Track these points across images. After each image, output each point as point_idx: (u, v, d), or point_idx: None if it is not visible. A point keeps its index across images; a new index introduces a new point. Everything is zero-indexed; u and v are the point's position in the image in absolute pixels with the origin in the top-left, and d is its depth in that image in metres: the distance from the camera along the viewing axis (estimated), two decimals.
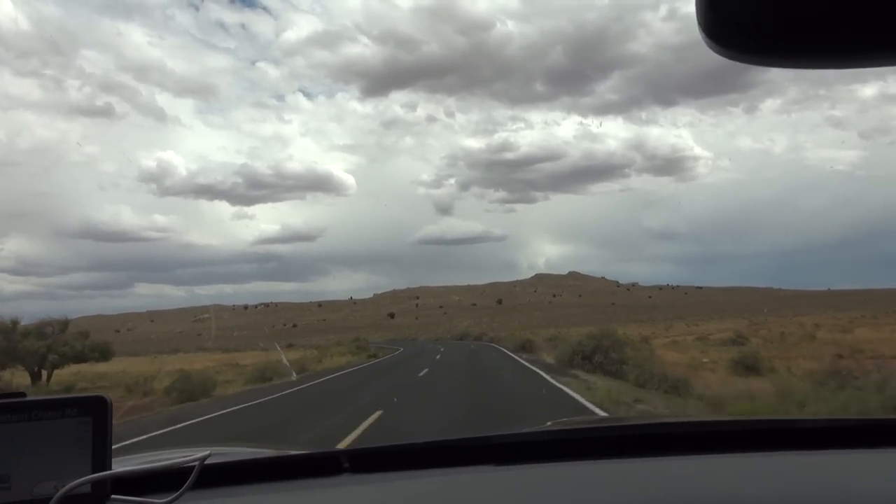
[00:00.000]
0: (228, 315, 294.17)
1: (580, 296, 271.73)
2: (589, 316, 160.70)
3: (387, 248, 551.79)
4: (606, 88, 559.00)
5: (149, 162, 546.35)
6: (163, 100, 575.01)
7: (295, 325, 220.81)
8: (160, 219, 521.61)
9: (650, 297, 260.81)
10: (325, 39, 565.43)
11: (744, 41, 0.55)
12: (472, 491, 1.08)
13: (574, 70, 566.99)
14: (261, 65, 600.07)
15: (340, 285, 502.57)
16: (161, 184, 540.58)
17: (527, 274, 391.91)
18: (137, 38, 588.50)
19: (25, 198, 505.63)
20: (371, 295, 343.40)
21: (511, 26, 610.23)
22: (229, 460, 1.40)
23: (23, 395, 0.99)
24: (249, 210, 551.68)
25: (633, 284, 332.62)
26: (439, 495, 1.05)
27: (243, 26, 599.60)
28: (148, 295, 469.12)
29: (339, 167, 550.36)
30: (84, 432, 0.98)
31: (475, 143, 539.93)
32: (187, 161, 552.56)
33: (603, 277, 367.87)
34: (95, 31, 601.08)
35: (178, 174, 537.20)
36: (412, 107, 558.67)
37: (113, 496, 0.99)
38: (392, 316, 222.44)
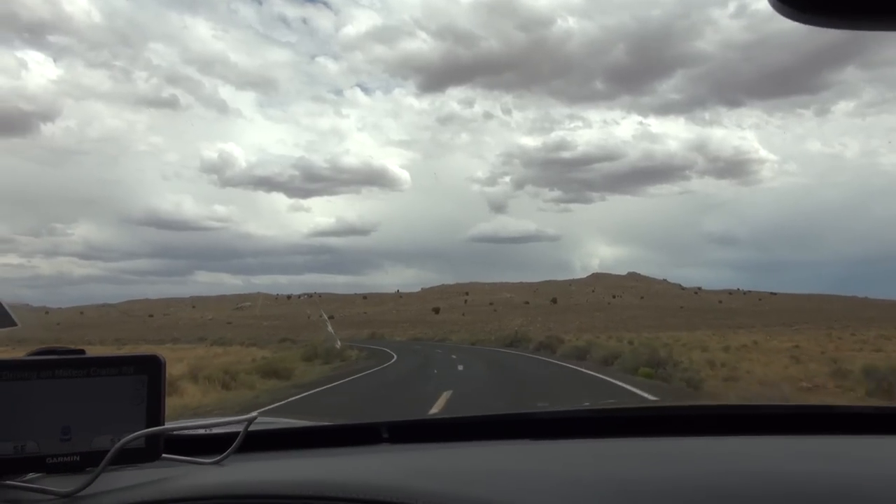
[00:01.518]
0: (272, 303, 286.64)
1: (642, 297, 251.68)
2: (657, 319, 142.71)
3: (439, 245, 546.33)
4: (669, 87, 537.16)
5: (210, 153, 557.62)
6: (225, 92, 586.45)
7: (332, 317, 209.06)
8: (220, 209, 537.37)
9: (720, 301, 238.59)
10: (384, 35, 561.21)
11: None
12: (507, 462, 1.09)
13: (635, 68, 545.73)
14: (320, 59, 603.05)
15: (392, 280, 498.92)
16: (221, 175, 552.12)
17: (580, 275, 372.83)
18: (202, 32, 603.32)
19: (94, 185, 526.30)
20: (419, 289, 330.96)
21: (572, 23, 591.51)
22: (273, 427, 1.45)
23: (82, 351, 1.02)
24: (305, 203, 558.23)
25: (699, 289, 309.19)
26: (476, 465, 1.06)
27: (304, 21, 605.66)
28: (207, 283, 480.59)
29: (394, 162, 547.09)
30: (139, 390, 1.01)
31: (531, 141, 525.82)
32: (247, 153, 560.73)
33: (665, 280, 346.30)
34: (163, 24, 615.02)
35: (237, 166, 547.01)
36: (469, 103, 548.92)
37: (164, 455, 1.03)
38: (437, 311, 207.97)
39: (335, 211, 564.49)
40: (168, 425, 1.03)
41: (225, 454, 1.09)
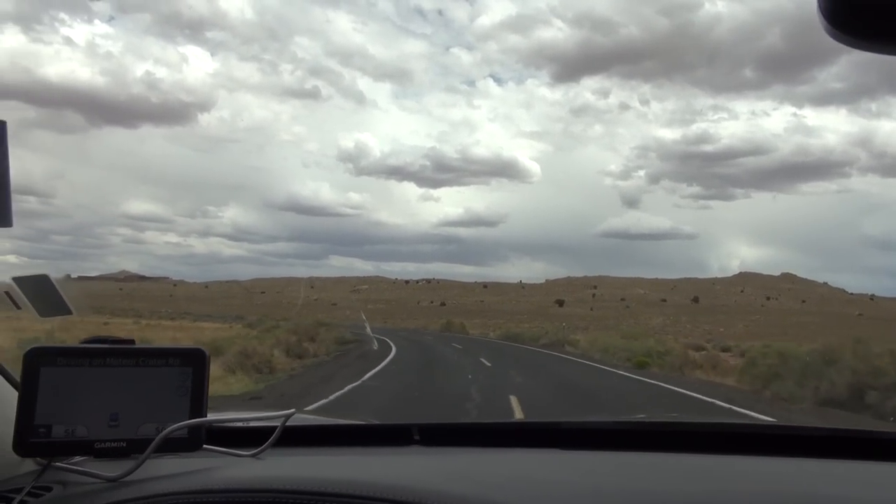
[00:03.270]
0: (388, 287, 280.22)
1: (803, 301, 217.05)
2: (835, 327, 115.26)
3: (568, 238, 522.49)
4: (830, 76, 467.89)
5: (347, 143, 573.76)
6: (363, 84, 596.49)
7: (443, 304, 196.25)
8: (354, 196, 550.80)
9: None
10: (519, 23, 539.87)
11: (865, 25, 0.51)
12: (538, 470, 1.10)
13: (792, 54, 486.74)
14: (454, 50, 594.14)
15: (518, 272, 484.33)
16: (357, 163, 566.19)
17: (718, 275, 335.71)
18: (343, 25, 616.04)
19: (242, 171, 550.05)
20: (543, 280, 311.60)
21: (721, 6, 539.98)
22: (309, 424, 1.51)
23: (132, 341, 1.06)
24: (435, 192, 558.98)
25: (873, 295, 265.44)
26: (505, 471, 1.07)
27: (440, 12, 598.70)
28: (340, 267, 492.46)
29: (524, 154, 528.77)
30: (184, 381, 1.05)
31: (670, 134, 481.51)
32: (381, 143, 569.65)
33: (826, 283, 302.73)
34: (307, 18, 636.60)
35: (372, 155, 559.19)
36: (604, 94, 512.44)
37: (204, 445, 1.07)
38: (560, 304, 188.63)
39: (464, 201, 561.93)
40: (210, 417, 1.06)
41: (262, 448, 1.13)
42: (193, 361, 1.06)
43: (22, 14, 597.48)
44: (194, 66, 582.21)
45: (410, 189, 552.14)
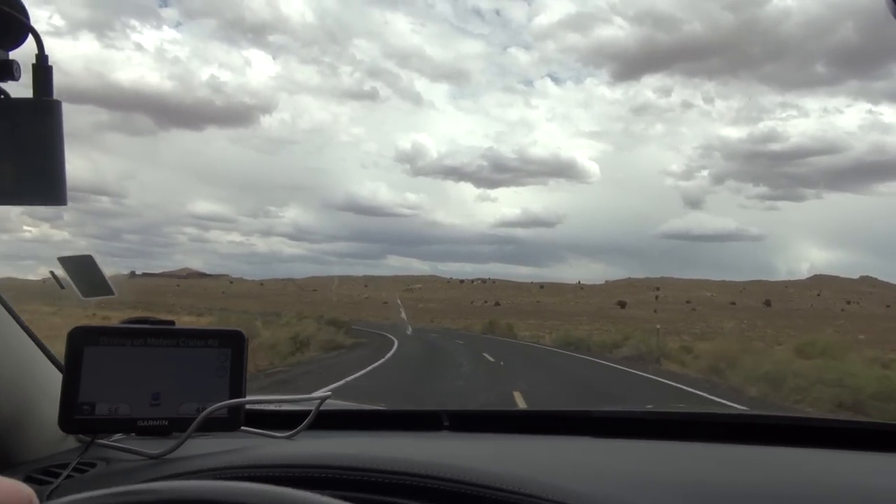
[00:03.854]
0: (443, 287, 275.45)
1: (888, 306, 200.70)
2: None
3: (627, 240, 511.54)
4: None
5: (404, 143, 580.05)
6: (420, 85, 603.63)
7: (498, 304, 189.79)
8: (411, 197, 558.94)
9: None
10: (578, 22, 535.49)
11: None
12: (571, 454, 1.12)
13: (867, 48, 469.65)
14: (512, 50, 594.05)
15: (576, 273, 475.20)
16: (414, 164, 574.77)
17: (786, 278, 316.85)
18: (401, 27, 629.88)
19: (302, 172, 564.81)
20: (602, 281, 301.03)
21: (790, 0, 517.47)
22: (342, 408, 1.53)
23: (172, 322, 1.08)
24: (492, 193, 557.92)
25: None
26: (539, 454, 1.08)
27: (497, 12, 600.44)
28: (397, 267, 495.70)
29: (583, 154, 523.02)
30: (223, 362, 1.07)
31: (735, 132, 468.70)
32: (438, 143, 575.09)
33: None
34: (366, 20, 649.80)
35: (429, 156, 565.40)
36: (666, 92, 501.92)
37: (242, 427, 1.09)
38: (623, 305, 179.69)
39: (521, 202, 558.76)
40: (249, 398, 1.09)
41: (297, 429, 1.16)
42: (232, 343, 1.08)
43: (96, 21, 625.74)
44: (257, 69, 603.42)
45: (467, 189, 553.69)
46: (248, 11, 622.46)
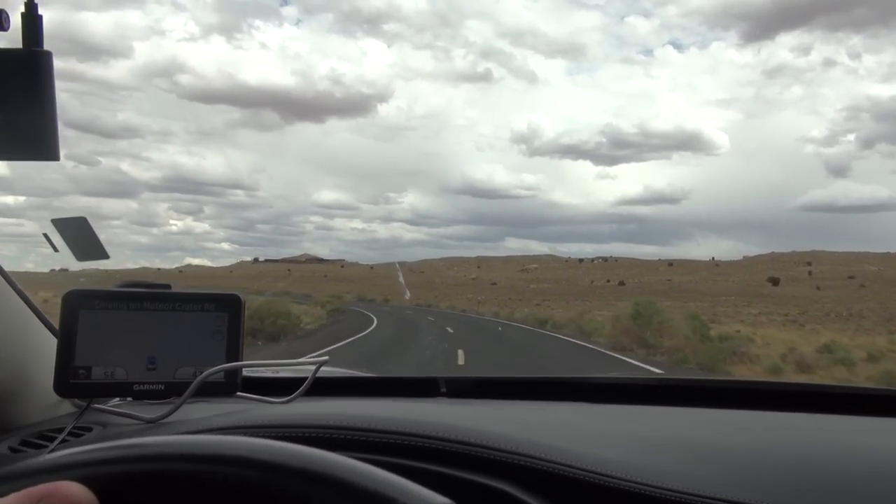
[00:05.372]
0: (558, 266, 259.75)
1: None
2: None
3: (762, 214, 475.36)
4: None
5: (520, 124, 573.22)
6: (535, 62, 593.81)
7: (622, 283, 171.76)
8: (528, 178, 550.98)
9: None
10: None
11: None
12: (570, 418, 1.13)
13: None
14: (630, 19, 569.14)
15: (705, 251, 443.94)
16: (530, 144, 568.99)
17: None
18: (513, 4, 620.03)
19: (419, 158, 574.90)
20: (740, 257, 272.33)
21: None
22: (341, 375, 1.55)
23: (168, 286, 1.06)
24: (612, 170, 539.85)
25: None
26: (537, 418, 1.09)
27: None
28: (516, 249, 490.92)
29: (710, 124, 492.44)
30: (220, 327, 1.05)
31: (887, 90, 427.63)
32: (554, 122, 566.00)
33: None
34: (477, 1, 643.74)
35: (545, 135, 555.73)
36: (805, 50, 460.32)
37: (238, 393, 1.08)
38: (775, 282, 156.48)
39: (643, 178, 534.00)
40: (245, 362, 1.06)
41: (294, 395, 1.15)
42: (229, 307, 1.05)
43: (224, 25, 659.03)
44: (373, 58, 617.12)
45: (586, 168, 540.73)
46: (363, 2, 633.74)
